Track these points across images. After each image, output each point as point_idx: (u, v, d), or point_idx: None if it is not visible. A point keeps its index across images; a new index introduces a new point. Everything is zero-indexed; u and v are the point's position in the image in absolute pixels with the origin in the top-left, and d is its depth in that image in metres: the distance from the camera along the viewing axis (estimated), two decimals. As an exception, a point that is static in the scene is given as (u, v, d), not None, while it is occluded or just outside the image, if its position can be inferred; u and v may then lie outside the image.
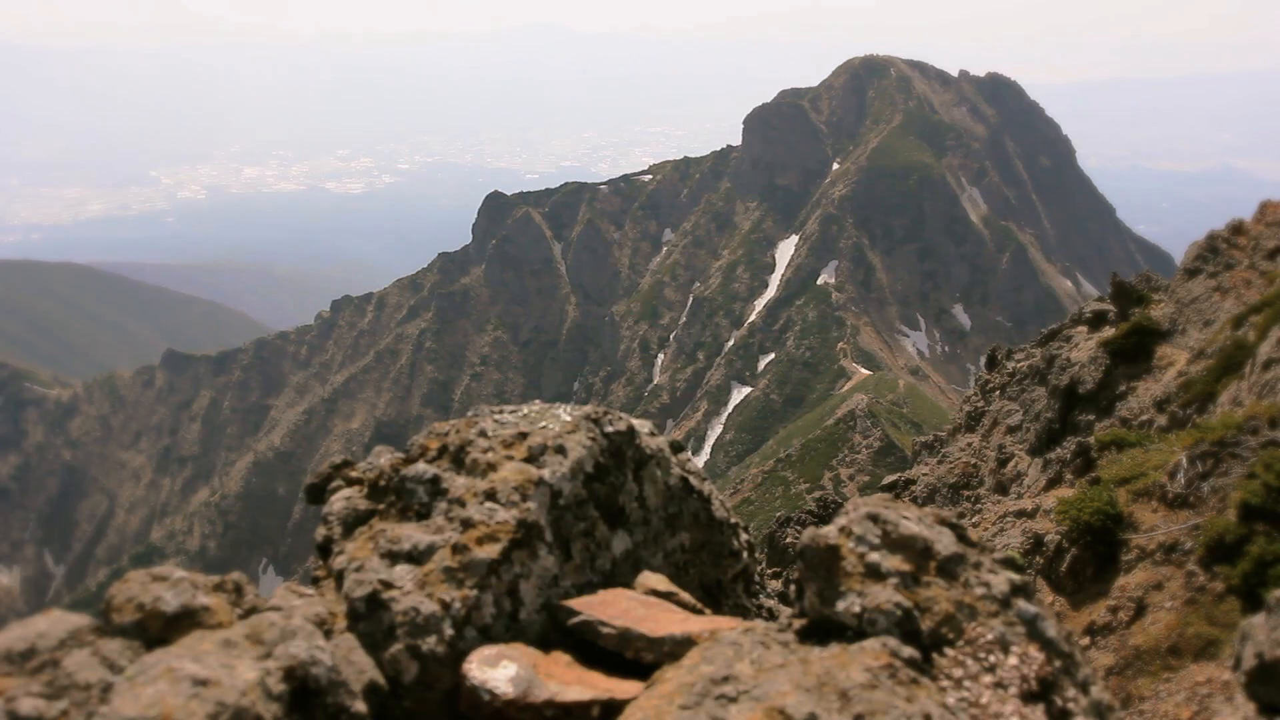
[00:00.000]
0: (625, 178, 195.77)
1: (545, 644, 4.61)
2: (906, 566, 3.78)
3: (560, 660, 4.43)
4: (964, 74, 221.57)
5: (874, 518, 3.90)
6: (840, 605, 3.71)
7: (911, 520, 3.92)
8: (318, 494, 5.58)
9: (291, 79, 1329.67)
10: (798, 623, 3.87)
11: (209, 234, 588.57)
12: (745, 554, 6.06)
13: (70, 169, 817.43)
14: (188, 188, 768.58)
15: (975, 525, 21.20)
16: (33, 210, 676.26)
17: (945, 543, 3.87)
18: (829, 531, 3.89)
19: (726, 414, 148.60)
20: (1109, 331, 24.83)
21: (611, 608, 4.65)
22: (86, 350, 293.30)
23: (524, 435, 5.17)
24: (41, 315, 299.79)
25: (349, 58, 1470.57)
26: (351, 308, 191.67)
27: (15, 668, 4.17)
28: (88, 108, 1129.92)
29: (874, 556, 3.78)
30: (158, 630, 4.29)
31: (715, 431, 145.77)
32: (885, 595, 3.66)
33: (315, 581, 5.28)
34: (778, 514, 48.49)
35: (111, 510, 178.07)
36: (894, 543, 3.84)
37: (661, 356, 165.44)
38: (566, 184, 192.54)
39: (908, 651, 3.52)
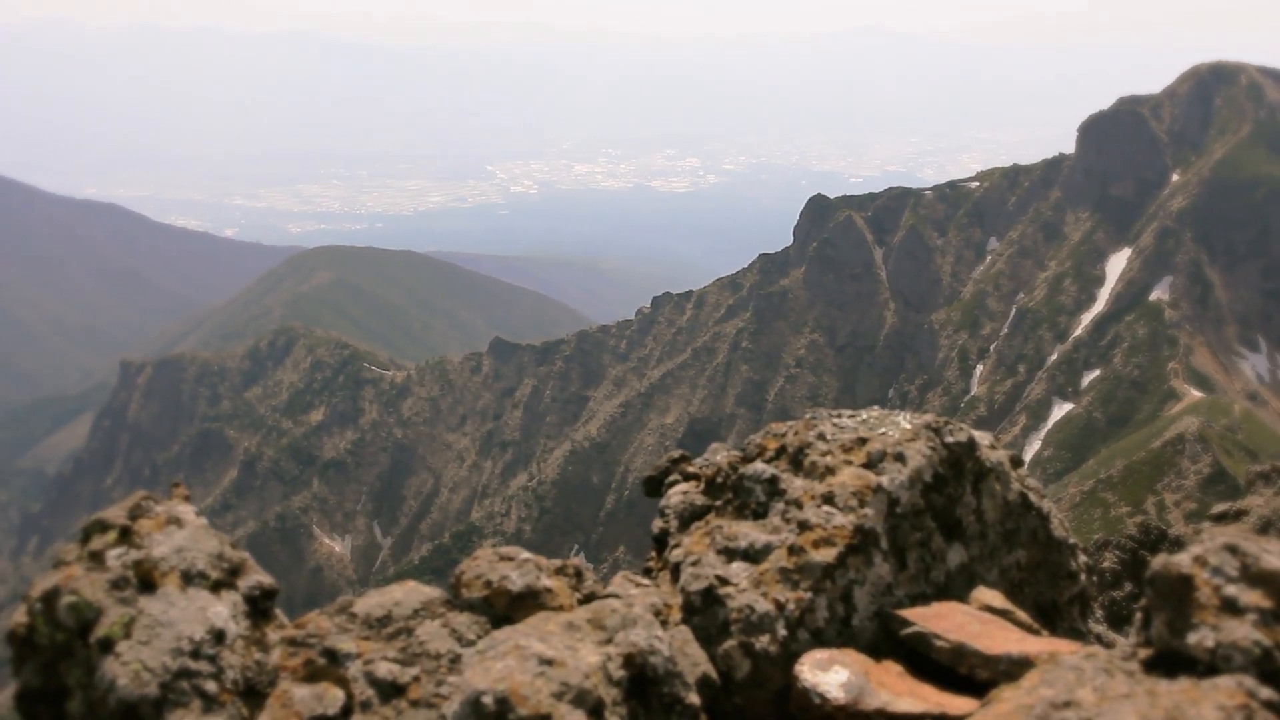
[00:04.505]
0: (951, 184, 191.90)
1: (876, 652, 4.60)
2: (1266, 603, 3.60)
3: (891, 670, 4.41)
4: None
5: (1232, 549, 3.73)
6: (1191, 638, 3.56)
7: (1274, 554, 3.73)
8: (655, 487, 5.72)
9: (622, 80, 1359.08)
10: (1143, 652, 3.73)
11: (539, 228, 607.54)
12: (1083, 576, 5.88)
13: (414, 162, 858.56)
14: (521, 182, 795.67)
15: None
16: (378, 200, 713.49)
17: (1310, 581, 3.67)
18: (1182, 560, 3.73)
19: (1046, 430, 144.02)
20: None
21: (945, 621, 4.60)
22: (420, 335, 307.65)
23: (863, 441, 5.15)
24: (382, 300, 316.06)
25: (677, 60, 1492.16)
26: (671, 305, 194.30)
27: (373, 632, 4.44)
28: (431, 105, 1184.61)
29: (1231, 590, 3.61)
30: (503, 608, 4.49)
31: (1033, 447, 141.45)
32: (1242, 631, 3.50)
33: (648, 572, 5.41)
34: (1095, 536, 46.75)
35: (436, 489, 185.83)
36: (1253, 577, 3.66)
37: (980, 367, 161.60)
38: (890, 188, 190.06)
39: (1266, 693, 3.35)
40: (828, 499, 4.87)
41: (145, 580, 4.49)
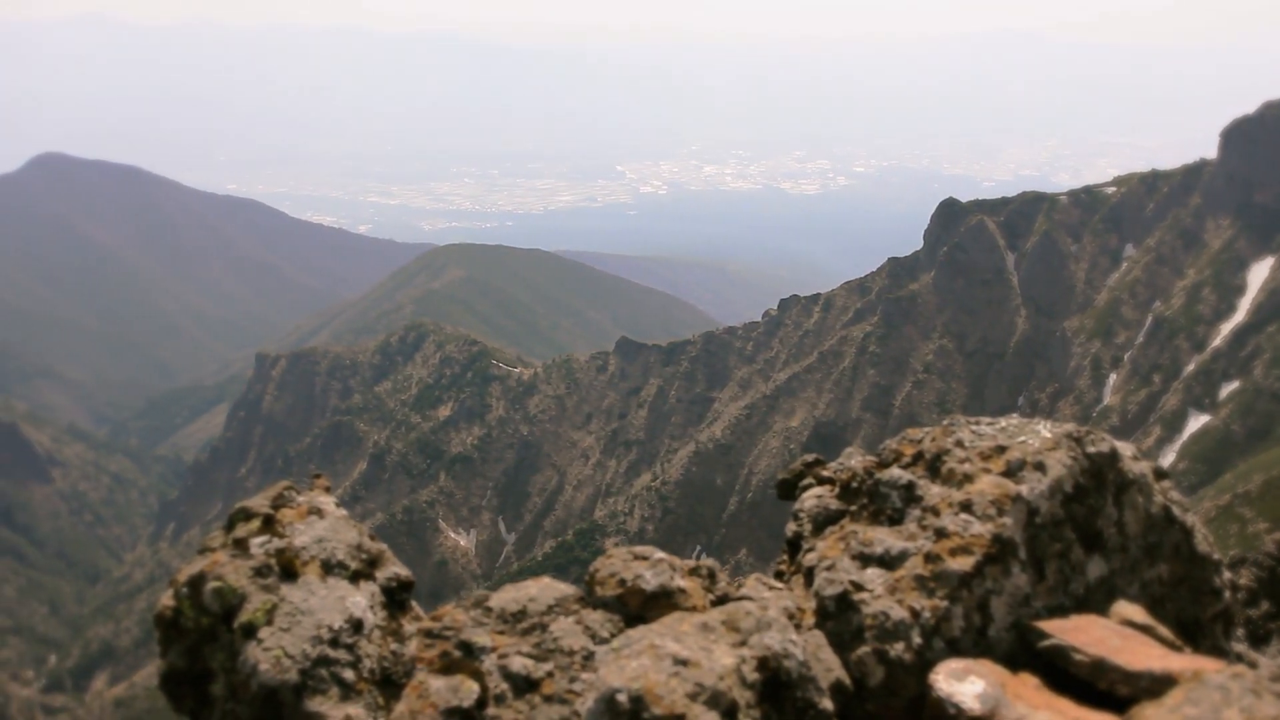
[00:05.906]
0: (1087, 189, 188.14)
1: (1012, 664, 4.52)
2: None
3: (1028, 682, 4.34)
4: None
5: (1391, 570, 3.60)
6: (1345, 660, 3.44)
7: None
8: (788, 490, 5.69)
9: (753, 81, 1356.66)
10: (1293, 673, 3.62)
11: (667, 228, 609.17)
12: (1227, 593, 5.72)
13: (545, 162, 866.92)
14: (650, 183, 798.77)
15: None
16: (508, 199, 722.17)
17: None
18: (1337, 579, 3.61)
19: (1181, 442, 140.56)
20: None
21: (1084, 634, 4.50)
22: (548, 333, 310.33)
23: (1002, 449, 5.07)
24: (510, 297, 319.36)
25: (808, 62, 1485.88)
26: (798, 307, 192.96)
27: (508, 627, 4.49)
28: (563, 106, 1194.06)
29: (1389, 611, 3.49)
30: (636, 607, 4.51)
31: (1167, 459, 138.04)
32: (1400, 655, 3.38)
33: (780, 575, 5.39)
34: (1231, 552, 45.60)
35: (560, 486, 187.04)
36: None
37: (1114, 376, 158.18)
38: (1024, 193, 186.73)
39: None
40: (965, 507, 4.80)
41: (287, 569, 4.58)
